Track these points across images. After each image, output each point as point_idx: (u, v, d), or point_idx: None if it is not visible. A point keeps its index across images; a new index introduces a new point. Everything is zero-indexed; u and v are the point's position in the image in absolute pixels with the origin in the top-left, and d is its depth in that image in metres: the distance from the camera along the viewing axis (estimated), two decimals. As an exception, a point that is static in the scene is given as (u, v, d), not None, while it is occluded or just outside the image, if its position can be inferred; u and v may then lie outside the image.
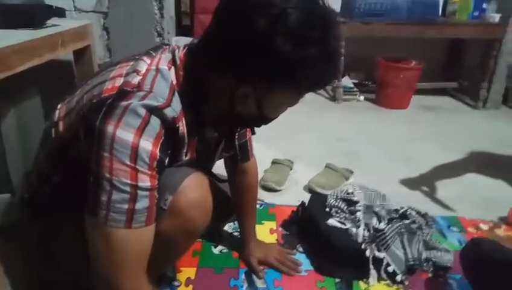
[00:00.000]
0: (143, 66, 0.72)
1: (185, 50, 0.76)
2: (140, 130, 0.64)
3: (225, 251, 1.24)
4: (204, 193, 0.78)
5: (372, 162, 2.00)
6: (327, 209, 1.33)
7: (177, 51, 0.75)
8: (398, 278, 1.14)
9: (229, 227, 1.34)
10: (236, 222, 1.27)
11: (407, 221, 1.29)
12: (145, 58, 0.75)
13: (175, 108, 0.70)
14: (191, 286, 1.09)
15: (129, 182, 0.64)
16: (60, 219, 0.84)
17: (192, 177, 0.76)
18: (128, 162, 0.64)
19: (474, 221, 1.52)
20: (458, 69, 3.19)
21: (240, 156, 1.06)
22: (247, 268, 1.17)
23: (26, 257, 0.89)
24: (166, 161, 0.70)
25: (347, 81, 3.03)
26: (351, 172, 1.76)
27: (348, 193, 1.39)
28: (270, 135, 1.48)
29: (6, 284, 0.89)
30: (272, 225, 1.39)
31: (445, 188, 1.76)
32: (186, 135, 0.73)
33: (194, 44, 0.76)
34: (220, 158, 1.00)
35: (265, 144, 1.90)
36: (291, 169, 1.74)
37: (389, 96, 2.88)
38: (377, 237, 1.20)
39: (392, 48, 2.96)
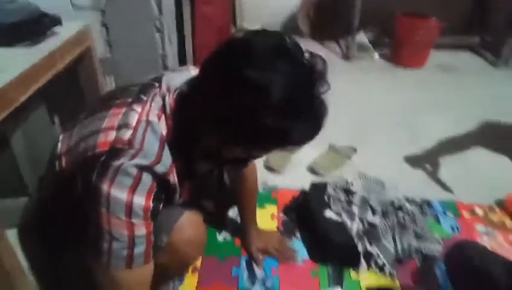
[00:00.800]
0: (133, 118, 0.75)
1: (175, 95, 0.78)
2: (133, 189, 0.70)
3: (228, 238, 1.35)
4: (196, 229, 0.86)
5: (377, 135, 2.00)
6: (326, 199, 1.39)
7: (167, 97, 0.77)
8: (386, 270, 1.23)
9: (233, 212, 1.43)
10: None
11: (401, 213, 1.35)
12: (135, 107, 0.77)
13: (165, 163, 0.74)
14: (196, 274, 1.22)
15: (126, 233, 0.71)
16: (66, 238, 0.92)
17: (186, 216, 0.84)
18: (124, 218, 0.70)
19: (471, 205, 1.56)
20: (482, 24, 3.00)
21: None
22: (248, 256, 1.28)
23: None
24: (161, 205, 0.76)
25: (362, 38, 2.92)
26: (354, 150, 1.79)
27: (347, 183, 1.45)
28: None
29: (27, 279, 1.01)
30: (274, 209, 1.48)
31: (447, 167, 1.78)
32: (177, 184, 0.78)
33: (184, 91, 0.78)
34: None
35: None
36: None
37: (406, 54, 2.79)
38: (370, 231, 1.28)
39: (412, 1, 2.79)
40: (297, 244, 1.35)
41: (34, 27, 1.01)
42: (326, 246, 1.28)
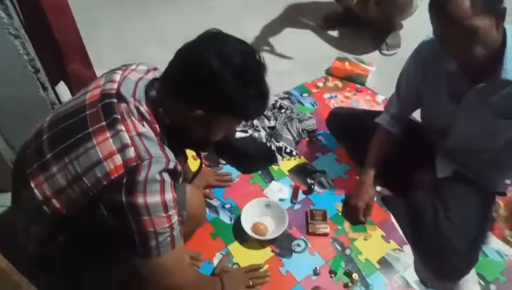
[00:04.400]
0: (126, 137, 0.84)
1: (147, 103, 0.89)
2: (162, 190, 0.84)
3: (175, 192, 1.54)
4: (199, 196, 1.12)
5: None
6: (229, 124, 1.68)
7: (142, 107, 0.88)
8: (294, 153, 1.68)
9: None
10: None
11: (283, 110, 1.77)
12: (118, 127, 0.85)
13: (172, 158, 0.88)
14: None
15: (167, 225, 0.87)
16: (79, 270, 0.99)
17: (188, 190, 1.04)
18: (164, 214, 0.85)
19: (314, 82, 2.10)
20: None
21: None
22: (200, 196, 1.53)
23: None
24: None
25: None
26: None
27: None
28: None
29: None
30: (191, 152, 1.70)
31: (285, 61, 2.26)
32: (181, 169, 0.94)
33: (154, 96, 0.91)
34: None
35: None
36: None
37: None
38: (272, 133, 1.66)
39: None
40: (227, 168, 1.65)
41: None
42: (248, 158, 1.63)
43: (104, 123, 0.87)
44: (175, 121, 0.91)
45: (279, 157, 1.66)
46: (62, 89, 1.63)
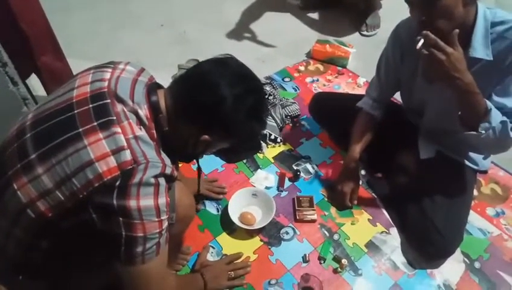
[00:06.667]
0: (121, 140, 0.80)
1: (148, 109, 0.86)
2: (156, 194, 0.81)
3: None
4: (188, 197, 1.07)
5: (203, 40, 2.23)
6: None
7: (140, 111, 0.85)
8: (278, 140, 1.67)
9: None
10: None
11: (265, 96, 1.74)
12: (115, 128, 0.81)
13: (168, 164, 0.85)
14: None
15: (158, 230, 0.84)
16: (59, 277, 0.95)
17: (177, 191, 1.00)
18: (156, 219, 0.82)
19: (295, 66, 2.07)
20: None
21: None
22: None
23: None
24: None
25: None
26: (197, 61, 2.01)
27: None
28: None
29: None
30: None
31: (264, 46, 2.21)
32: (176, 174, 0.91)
33: (156, 101, 0.88)
34: None
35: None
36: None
37: None
38: (256, 120, 1.64)
39: None
40: (211, 158, 1.59)
41: None
42: (233, 148, 1.59)
43: (95, 123, 0.82)
44: (176, 135, 0.90)
45: (263, 144, 1.64)
46: (34, 82, 1.55)
